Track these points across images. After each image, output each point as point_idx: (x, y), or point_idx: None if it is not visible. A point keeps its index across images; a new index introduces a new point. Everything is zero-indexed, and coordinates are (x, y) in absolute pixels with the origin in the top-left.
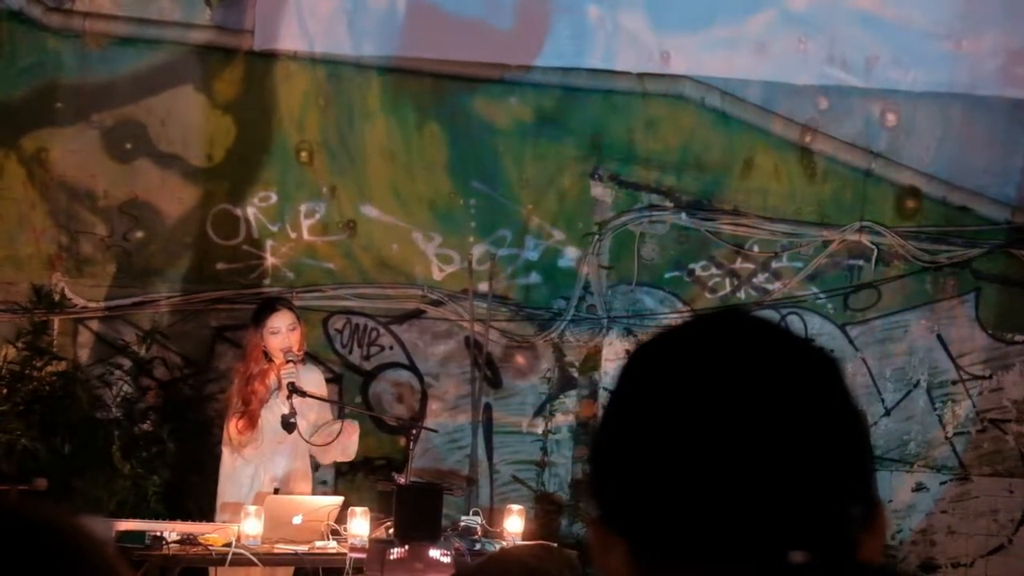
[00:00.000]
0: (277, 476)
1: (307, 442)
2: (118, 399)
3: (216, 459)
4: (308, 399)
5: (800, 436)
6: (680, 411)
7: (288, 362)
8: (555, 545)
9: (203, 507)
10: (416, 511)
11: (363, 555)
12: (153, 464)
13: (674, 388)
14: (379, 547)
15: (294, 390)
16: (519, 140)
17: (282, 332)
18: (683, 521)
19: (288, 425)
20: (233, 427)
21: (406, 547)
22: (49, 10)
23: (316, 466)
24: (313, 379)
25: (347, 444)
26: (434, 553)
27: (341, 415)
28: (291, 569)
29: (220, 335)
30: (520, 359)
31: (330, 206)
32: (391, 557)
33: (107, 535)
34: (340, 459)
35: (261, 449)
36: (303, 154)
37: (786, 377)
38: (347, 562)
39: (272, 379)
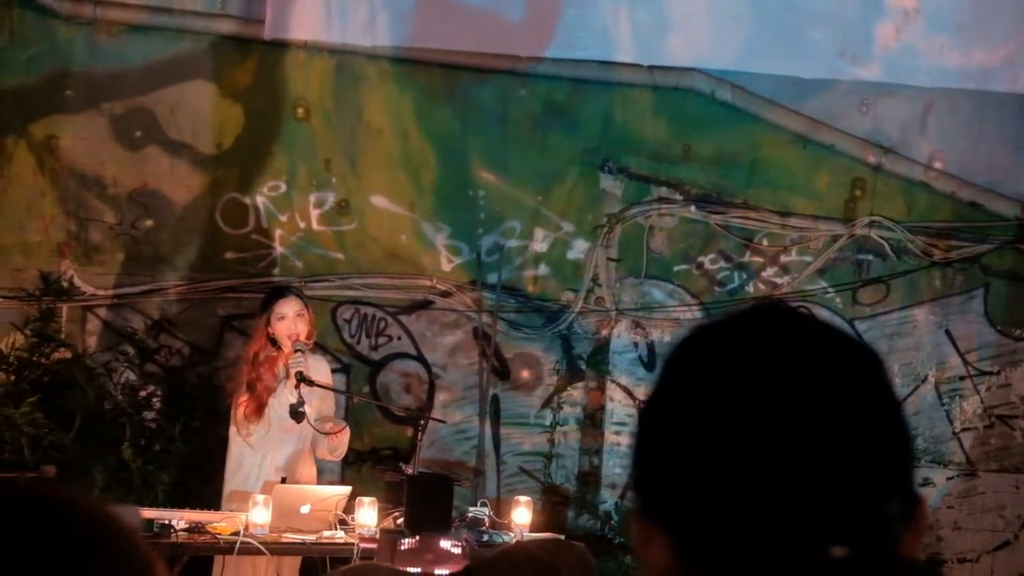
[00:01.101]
0: (282, 465)
1: (315, 428)
2: (121, 387)
3: (222, 449)
4: (315, 388)
5: (842, 430)
6: (722, 404)
7: (296, 351)
8: (565, 539)
9: (210, 497)
10: (427, 502)
11: (373, 545)
12: (163, 460)
13: (716, 381)
14: (390, 538)
15: (302, 379)
16: (529, 132)
17: (289, 317)
18: (724, 514)
19: (297, 414)
20: (240, 413)
21: (417, 538)
22: None
23: None
24: (320, 369)
25: (336, 445)
26: (445, 544)
27: (348, 405)
28: (298, 559)
29: (228, 324)
30: (528, 351)
31: (339, 196)
32: (402, 548)
33: (135, 522)
34: (328, 457)
35: (268, 437)
36: (313, 144)
37: (828, 371)
38: (355, 552)
39: (280, 367)
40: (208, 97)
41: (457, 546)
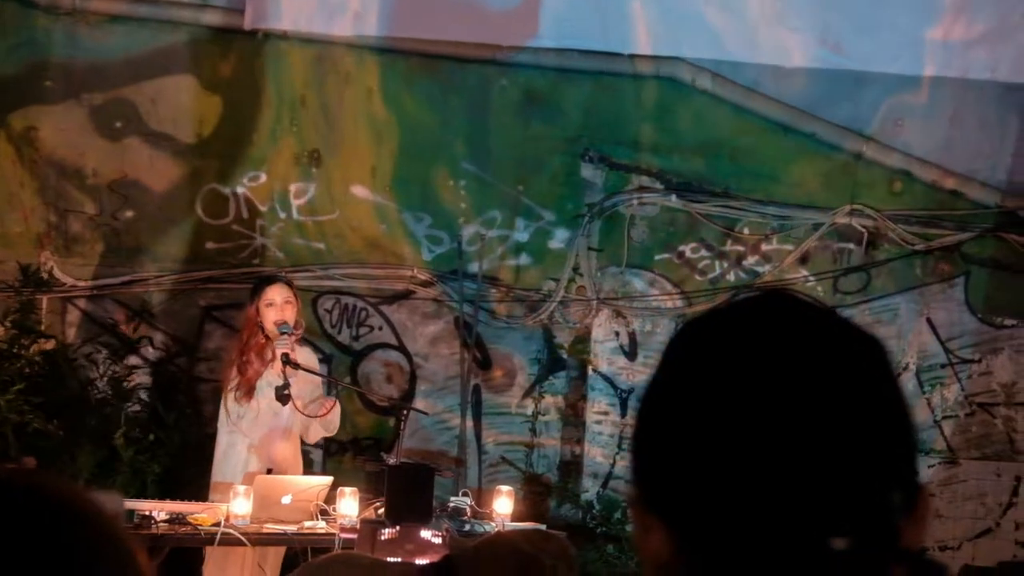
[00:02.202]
0: (270, 456)
1: (302, 413)
2: (105, 378)
3: (206, 440)
4: (300, 375)
5: (843, 420)
6: (722, 393)
7: (282, 334)
8: (547, 529)
9: (194, 488)
10: (407, 492)
11: (353, 535)
12: (154, 451)
13: (717, 370)
14: (370, 528)
15: (287, 362)
16: (510, 121)
17: (277, 304)
18: (723, 504)
19: (282, 396)
20: (231, 399)
21: (397, 528)
22: None
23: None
24: (307, 356)
25: (330, 420)
26: (425, 534)
27: (330, 392)
28: (283, 549)
29: (209, 315)
30: (509, 340)
31: (320, 186)
32: (382, 538)
33: (118, 508)
34: (324, 435)
35: (258, 422)
36: (293, 134)
37: (830, 360)
38: (336, 542)
39: (268, 353)
40: (189, 88)
41: (438, 536)
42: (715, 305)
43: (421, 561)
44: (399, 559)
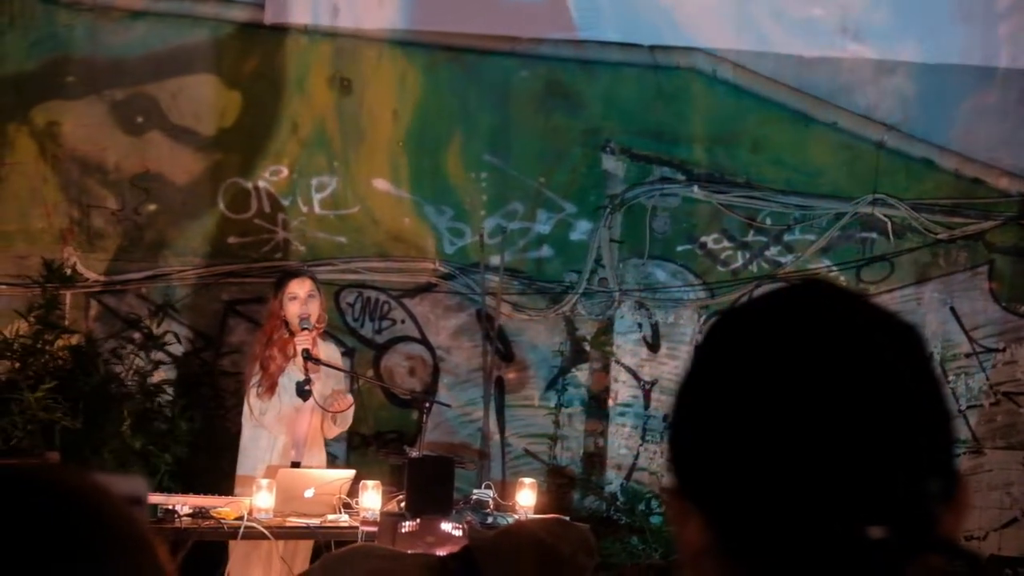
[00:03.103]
0: (293, 450)
1: (323, 408)
2: (131, 372)
3: (228, 434)
4: (322, 369)
5: (881, 409)
6: (760, 382)
7: (303, 329)
8: (569, 520)
9: (214, 482)
10: (428, 484)
11: (374, 528)
12: (165, 441)
13: (754, 359)
14: (391, 520)
15: (308, 357)
16: (531, 113)
17: (300, 298)
18: (760, 493)
19: (303, 392)
20: (253, 394)
21: (418, 520)
22: None
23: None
24: (330, 351)
25: (344, 416)
26: (446, 526)
27: (353, 387)
28: (311, 545)
29: (232, 309)
30: (532, 332)
31: (341, 180)
32: (403, 530)
33: (141, 492)
34: (336, 431)
35: (280, 417)
36: (314, 128)
37: (868, 348)
38: (359, 535)
39: (291, 348)
40: (210, 82)
41: (458, 528)
42: (751, 294)
43: (440, 551)
44: (420, 551)
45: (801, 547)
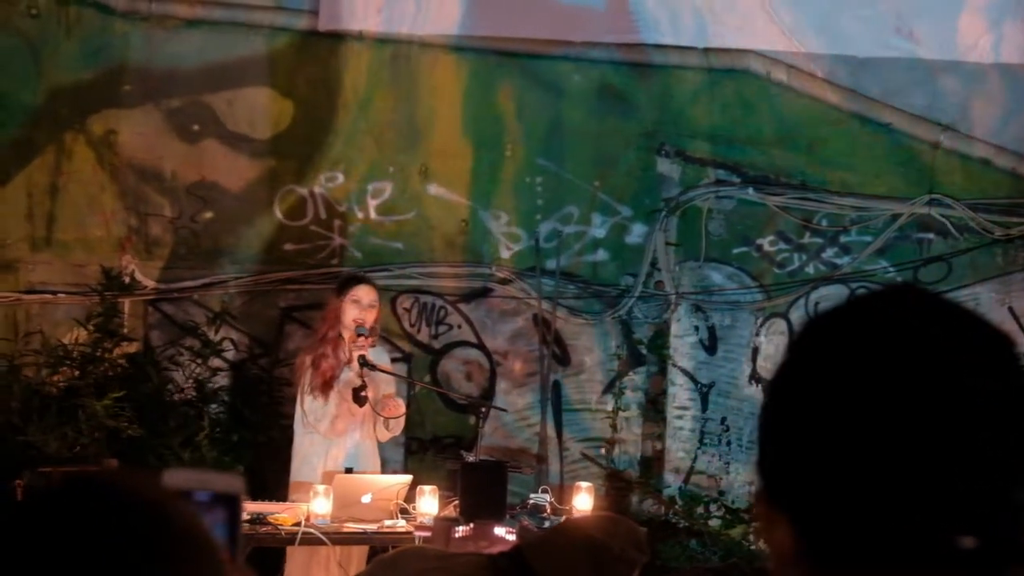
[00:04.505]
0: (348, 454)
1: (377, 414)
2: (190, 380)
3: (284, 440)
4: (376, 375)
5: (974, 418)
6: (852, 388)
7: (359, 335)
8: (622, 517)
9: (267, 488)
10: (481, 489)
11: (429, 533)
12: (239, 451)
13: (845, 364)
14: (444, 525)
15: (364, 363)
16: (585, 117)
17: (362, 304)
18: (849, 499)
19: (359, 398)
20: (307, 396)
21: (471, 525)
22: None
23: None
24: (379, 358)
25: (395, 421)
26: (499, 531)
27: (410, 392)
28: (366, 549)
29: (289, 316)
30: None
31: (397, 185)
32: (456, 535)
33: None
34: (387, 435)
35: (334, 423)
36: (369, 134)
37: (962, 357)
38: (415, 541)
39: (343, 351)
40: (264, 89)
41: (511, 532)
42: (843, 300)
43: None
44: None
45: (890, 554)
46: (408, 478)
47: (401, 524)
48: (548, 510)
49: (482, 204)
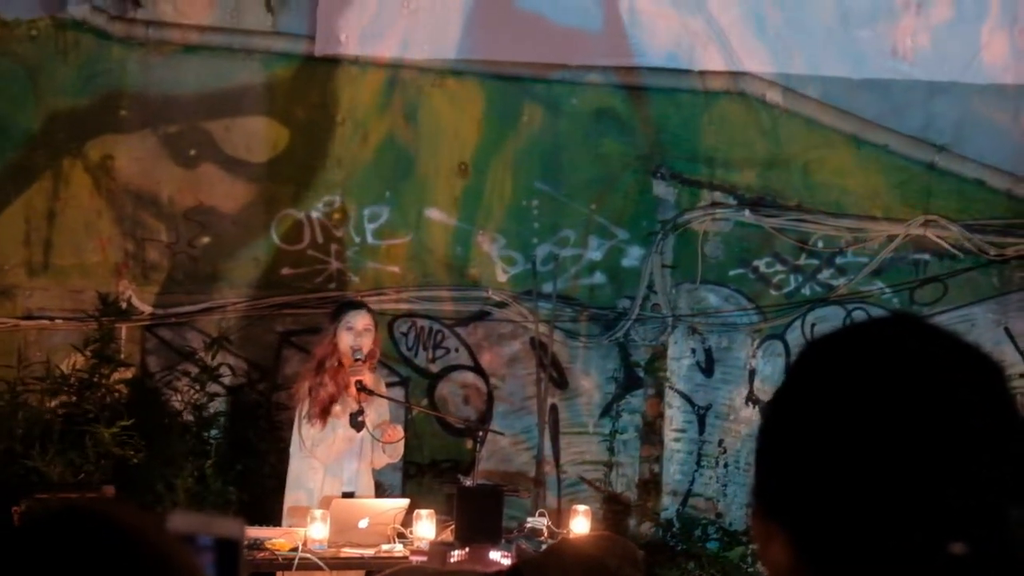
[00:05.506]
0: (345, 479)
1: (375, 439)
2: (188, 406)
3: (285, 467)
4: (373, 400)
5: (966, 437)
6: (850, 408)
7: (356, 360)
8: (619, 536)
9: (260, 512)
10: (477, 513)
11: (425, 558)
12: (240, 479)
13: (842, 387)
14: (440, 549)
15: (361, 388)
16: (581, 140)
17: (356, 330)
18: (844, 515)
19: (357, 424)
20: (304, 423)
21: (467, 549)
22: (113, 19)
23: None
24: (377, 384)
25: (394, 447)
26: (495, 555)
27: (408, 416)
28: (362, 574)
29: (286, 340)
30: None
31: (394, 209)
32: (452, 559)
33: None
34: (387, 461)
35: (333, 448)
36: (366, 158)
37: (952, 380)
38: None
39: (342, 378)
40: (261, 114)
41: (507, 556)
42: (840, 325)
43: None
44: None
45: (884, 563)
46: (405, 502)
47: (398, 548)
48: (545, 533)
49: (478, 227)
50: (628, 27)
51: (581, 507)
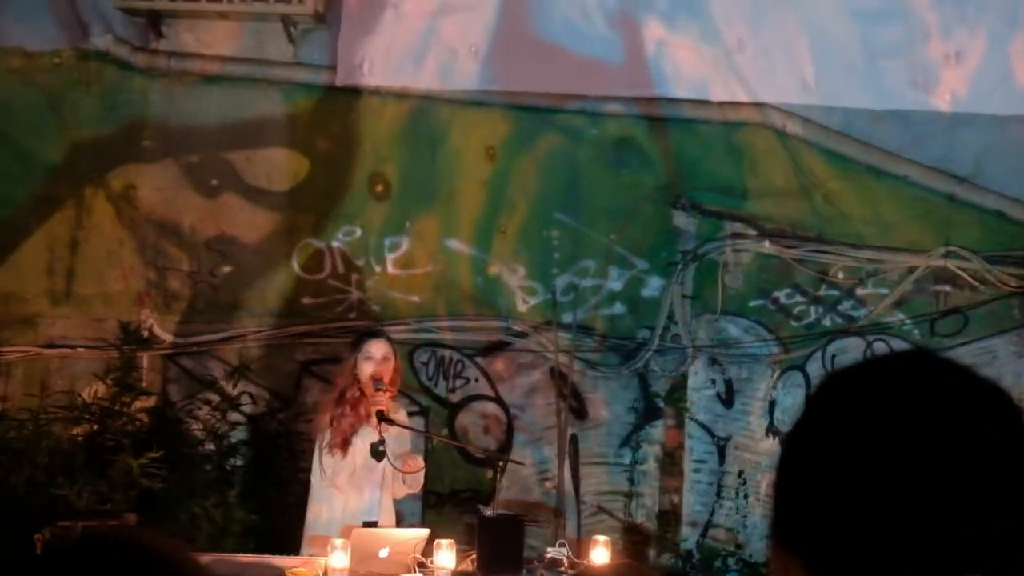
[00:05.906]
0: (366, 509)
1: (396, 469)
2: (209, 435)
3: (303, 494)
4: (394, 431)
5: (983, 469)
6: (865, 442)
7: (377, 390)
8: (639, 564)
9: (291, 542)
10: (498, 543)
11: None
12: (266, 507)
13: (863, 418)
14: None
15: (382, 418)
16: (601, 170)
17: (375, 359)
18: (861, 547)
19: (378, 453)
20: (325, 452)
21: None
22: (135, 50)
23: None
24: (400, 414)
25: (415, 477)
26: None
27: (428, 446)
28: None
29: (307, 369)
30: (605, 390)
31: (414, 239)
32: None
33: None
34: (408, 492)
35: (354, 478)
36: (387, 188)
37: (967, 415)
38: None
39: (363, 408)
40: (283, 144)
41: None
42: (859, 359)
43: None
44: None
45: None
46: (426, 532)
47: None
48: (566, 564)
49: (499, 258)
50: (648, 58)
51: (601, 537)
